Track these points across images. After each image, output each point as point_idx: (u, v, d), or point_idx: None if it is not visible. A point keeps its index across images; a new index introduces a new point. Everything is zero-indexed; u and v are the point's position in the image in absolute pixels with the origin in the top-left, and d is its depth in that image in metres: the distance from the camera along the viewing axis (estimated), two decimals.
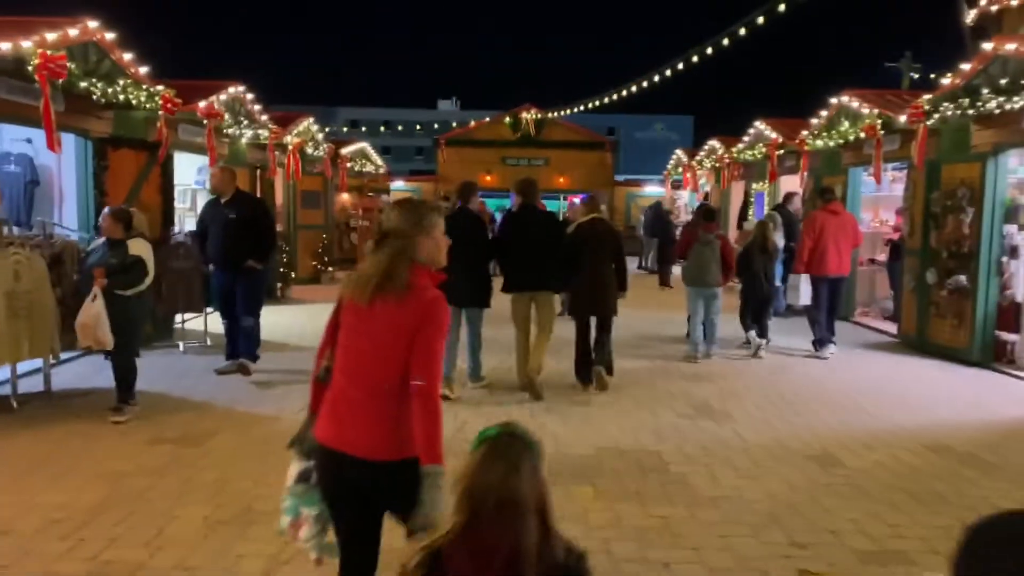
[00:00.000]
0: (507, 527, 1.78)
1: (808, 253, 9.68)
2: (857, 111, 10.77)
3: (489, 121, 27.77)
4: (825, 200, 10.10)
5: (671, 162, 23.09)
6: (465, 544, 1.82)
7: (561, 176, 27.44)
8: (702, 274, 9.02)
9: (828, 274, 9.72)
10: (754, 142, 15.40)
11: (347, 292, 2.76)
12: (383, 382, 2.61)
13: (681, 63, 16.79)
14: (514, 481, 1.80)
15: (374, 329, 2.64)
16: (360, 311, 2.67)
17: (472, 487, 1.82)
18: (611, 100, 20.71)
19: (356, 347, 2.68)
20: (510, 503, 1.78)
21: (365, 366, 2.65)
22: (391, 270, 2.63)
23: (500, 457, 1.83)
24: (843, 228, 9.86)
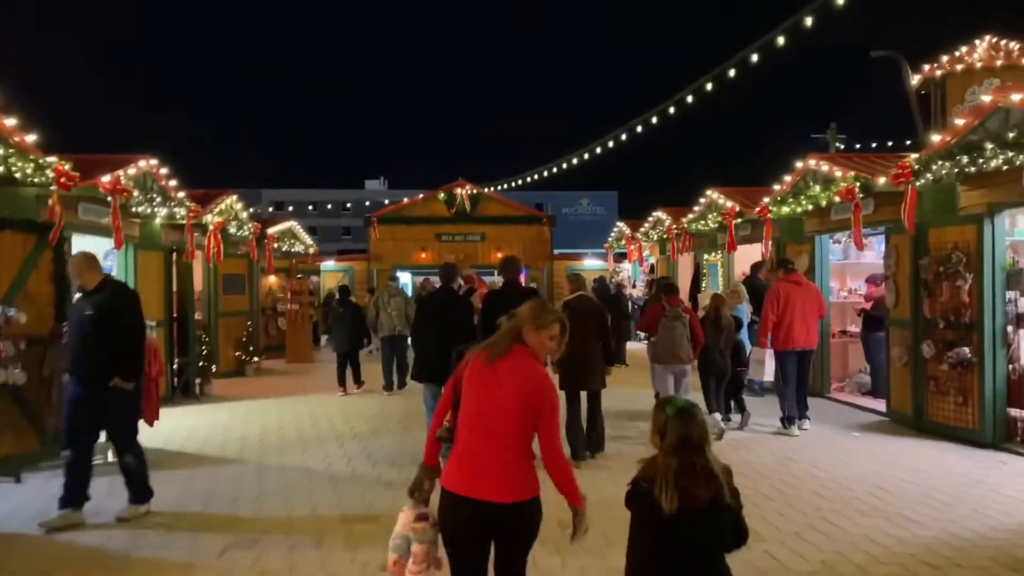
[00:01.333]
0: (706, 456, 2.90)
1: (772, 327, 9.10)
2: (828, 174, 10.15)
3: (422, 198, 26.84)
4: (786, 271, 9.46)
5: (612, 234, 22.48)
6: (679, 467, 2.85)
7: (498, 251, 26.49)
8: (675, 350, 8.46)
9: (795, 347, 9.11)
10: (706, 211, 14.77)
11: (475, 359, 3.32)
12: (508, 438, 3.17)
13: (610, 141, 16.49)
14: (705, 427, 2.98)
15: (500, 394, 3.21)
16: (487, 377, 3.24)
17: (683, 435, 2.90)
18: (548, 175, 20.21)
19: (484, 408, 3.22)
20: (706, 439, 2.95)
21: (490, 426, 3.20)
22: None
23: (693, 416, 2.96)
24: (808, 299, 9.28)
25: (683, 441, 2.88)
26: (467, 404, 3.24)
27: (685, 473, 2.83)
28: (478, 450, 3.17)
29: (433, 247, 26.60)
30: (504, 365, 3.22)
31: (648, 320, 8.88)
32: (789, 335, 9.14)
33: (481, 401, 3.21)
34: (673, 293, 8.97)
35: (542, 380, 3.23)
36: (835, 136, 32.14)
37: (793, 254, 12.10)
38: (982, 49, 13.76)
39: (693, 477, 2.83)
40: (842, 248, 12.07)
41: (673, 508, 2.78)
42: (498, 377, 3.20)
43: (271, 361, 16.71)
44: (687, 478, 2.82)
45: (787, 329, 9.14)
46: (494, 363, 3.22)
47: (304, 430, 9.50)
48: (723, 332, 9.15)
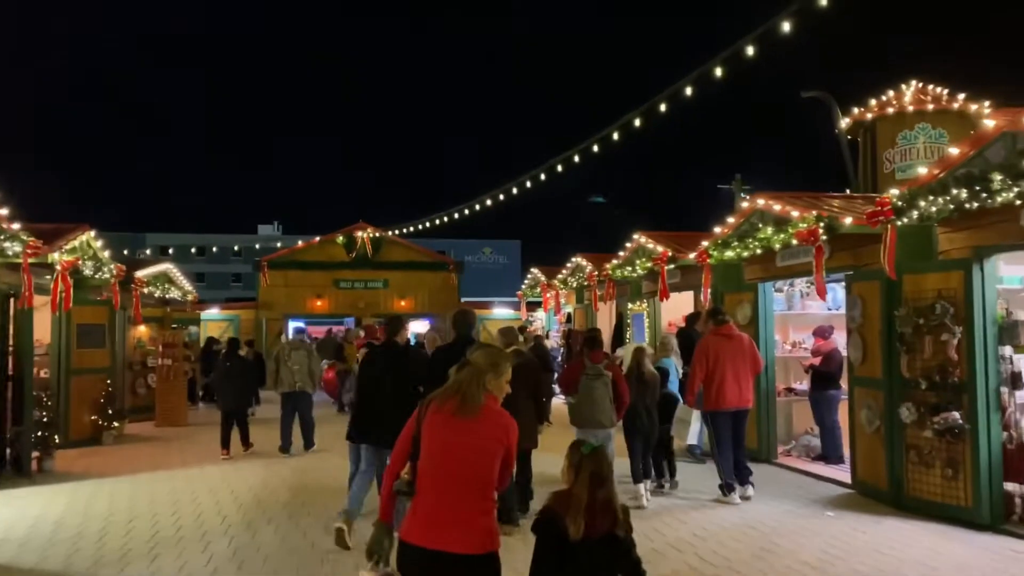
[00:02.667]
0: (607, 487, 3.27)
1: (700, 385, 8.26)
2: (782, 215, 9.08)
3: (319, 241, 24.91)
4: (717, 322, 8.42)
5: (526, 282, 21.19)
6: (588, 500, 3.21)
7: (402, 299, 24.88)
8: (595, 413, 7.58)
9: (728, 407, 8.20)
10: (632, 257, 13.62)
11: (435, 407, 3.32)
12: (476, 488, 3.19)
13: (514, 188, 15.43)
14: (611, 466, 3.58)
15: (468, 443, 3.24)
16: (455, 425, 3.24)
17: (595, 471, 3.27)
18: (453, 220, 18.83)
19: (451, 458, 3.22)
20: (611, 476, 3.35)
21: (461, 474, 3.19)
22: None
23: (603, 455, 3.41)
24: (740, 353, 8.30)
25: (594, 476, 3.26)
26: (434, 454, 3.21)
27: (591, 505, 3.20)
28: (449, 500, 3.15)
29: (330, 294, 24.70)
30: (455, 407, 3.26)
31: (568, 378, 7.87)
32: (720, 394, 8.16)
33: (453, 450, 3.19)
34: (596, 347, 7.93)
35: (513, 423, 3.34)
36: (740, 186, 32.20)
37: (733, 304, 11.00)
38: (910, 94, 13.27)
39: (596, 509, 3.21)
40: (784, 297, 11.05)
41: (579, 535, 3.14)
42: (470, 425, 3.21)
43: (138, 425, 14.39)
44: (592, 509, 3.20)
45: (718, 387, 8.16)
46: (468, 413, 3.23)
47: (161, 522, 7.53)
48: (648, 387, 8.17)
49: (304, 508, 7.90)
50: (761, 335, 10.49)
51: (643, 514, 7.57)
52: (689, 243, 12.55)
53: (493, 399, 3.34)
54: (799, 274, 9.96)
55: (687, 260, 11.65)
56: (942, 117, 13.15)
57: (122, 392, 14.38)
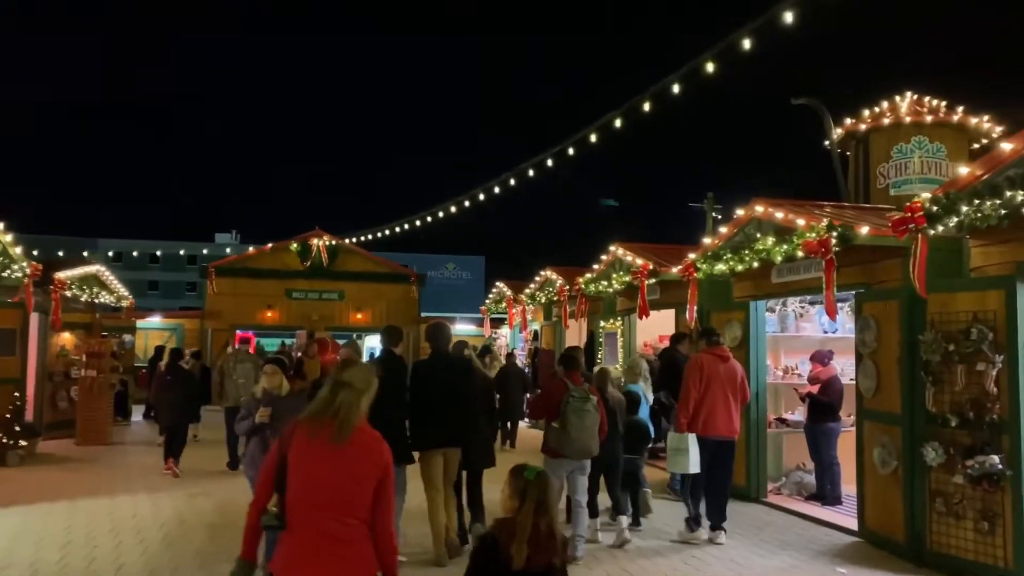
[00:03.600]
0: (550, 516, 3.20)
1: (695, 406, 7.34)
2: (784, 224, 8.03)
3: (272, 247, 23.44)
4: (711, 343, 7.65)
5: (490, 297, 20.00)
6: (527, 531, 3.11)
7: (359, 312, 23.51)
8: (588, 441, 6.64)
9: (715, 435, 7.35)
10: (608, 271, 12.53)
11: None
12: (353, 516, 3.01)
13: (470, 200, 14.48)
14: (554, 492, 3.57)
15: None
16: (326, 450, 3.04)
17: (540, 498, 3.19)
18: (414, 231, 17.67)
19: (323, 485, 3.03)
20: (554, 507, 3.32)
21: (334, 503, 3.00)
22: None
23: (548, 481, 3.31)
24: (732, 379, 7.52)
25: (540, 504, 3.19)
26: (305, 482, 3.01)
27: (535, 534, 3.14)
28: (326, 531, 2.97)
29: (282, 305, 23.24)
30: (327, 432, 3.08)
31: (548, 403, 6.78)
32: (710, 419, 7.34)
33: (325, 477, 3.00)
34: (575, 367, 6.94)
35: (386, 446, 3.17)
36: (712, 205, 31.50)
37: (720, 324, 9.94)
38: (906, 105, 12.43)
39: (540, 537, 3.14)
40: (777, 318, 10.02)
41: (522, 564, 3.06)
42: (342, 450, 3.04)
43: (56, 443, 12.89)
44: (535, 538, 3.13)
45: (708, 412, 7.34)
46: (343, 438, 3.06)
47: (41, 571, 6.16)
48: (611, 413, 7.27)
49: (221, 553, 6.58)
50: (751, 359, 9.44)
51: (616, 555, 6.53)
52: (670, 256, 11.52)
53: (366, 420, 3.18)
54: (797, 292, 8.94)
55: (670, 274, 10.58)
56: (940, 131, 12.30)
57: (40, 406, 12.89)
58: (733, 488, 9.46)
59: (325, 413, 3.08)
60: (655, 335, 13.61)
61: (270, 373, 5.67)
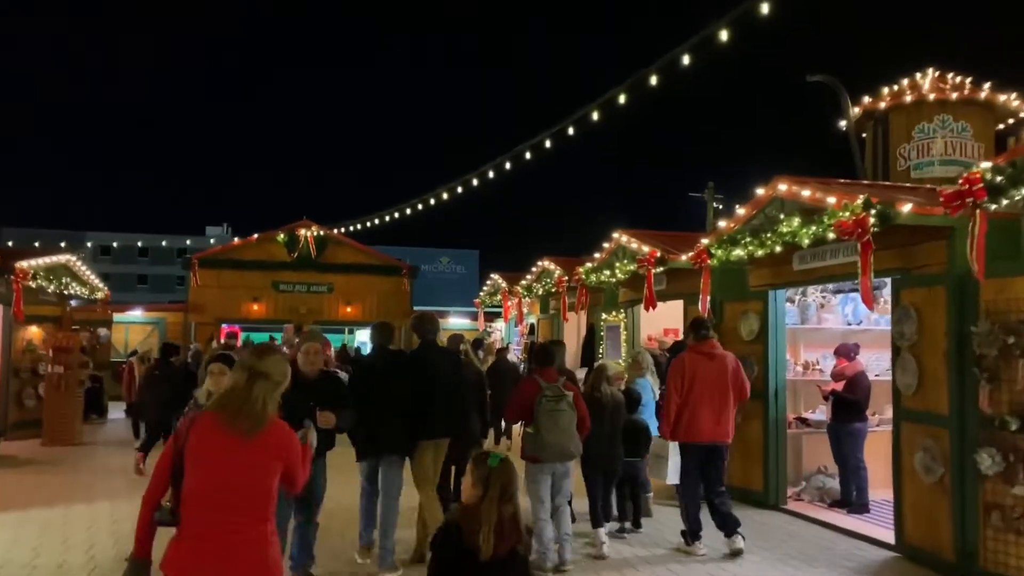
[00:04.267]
0: (514, 503, 3.15)
1: (677, 411, 6.79)
2: (811, 203, 7.22)
3: (258, 238, 22.55)
4: (699, 337, 6.98)
5: (485, 288, 19.18)
6: (492, 519, 3.05)
7: (349, 305, 22.65)
8: (565, 443, 6.12)
9: (699, 440, 6.77)
10: (611, 259, 11.71)
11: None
12: (253, 515, 2.87)
13: (460, 187, 13.70)
14: (517, 479, 3.25)
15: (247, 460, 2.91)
16: (227, 440, 2.89)
17: (505, 485, 3.14)
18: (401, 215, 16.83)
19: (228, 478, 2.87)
20: (517, 490, 3.19)
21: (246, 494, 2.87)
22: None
23: (512, 468, 3.23)
24: (721, 376, 6.85)
25: (503, 491, 3.12)
26: (202, 475, 2.85)
27: (500, 522, 3.07)
28: (225, 527, 2.82)
29: (269, 298, 22.36)
30: (236, 425, 2.92)
31: (521, 404, 6.24)
32: (693, 423, 6.76)
33: (224, 469, 2.85)
34: (549, 363, 6.42)
35: (293, 436, 3.07)
36: (713, 195, 30.74)
37: (734, 316, 9.16)
38: (928, 83, 11.63)
39: (505, 525, 3.07)
40: (797, 309, 9.22)
41: (489, 554, 2.99)
42: (247, 441, 2.88)
43: (21, 444, 12.05)
44: (500, 526, 3.06)
45: (691, 415, 6.76)
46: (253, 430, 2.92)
47: None
48: (606, 412, 6.81)
49: None
50: (770, 353, 8.65)
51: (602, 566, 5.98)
52: (677, 244, 10.70)
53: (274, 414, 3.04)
54: (822, 280, 8.13)
55: (679, 262, 9.76)
56: (965, 109, 11.54)
57: (4, 404, 12.06)
58: (749, 494, 8.75)
59: (234, 403, 2.92)
60: (660, 328, 12.80)
61: (216, 373, 4.85)
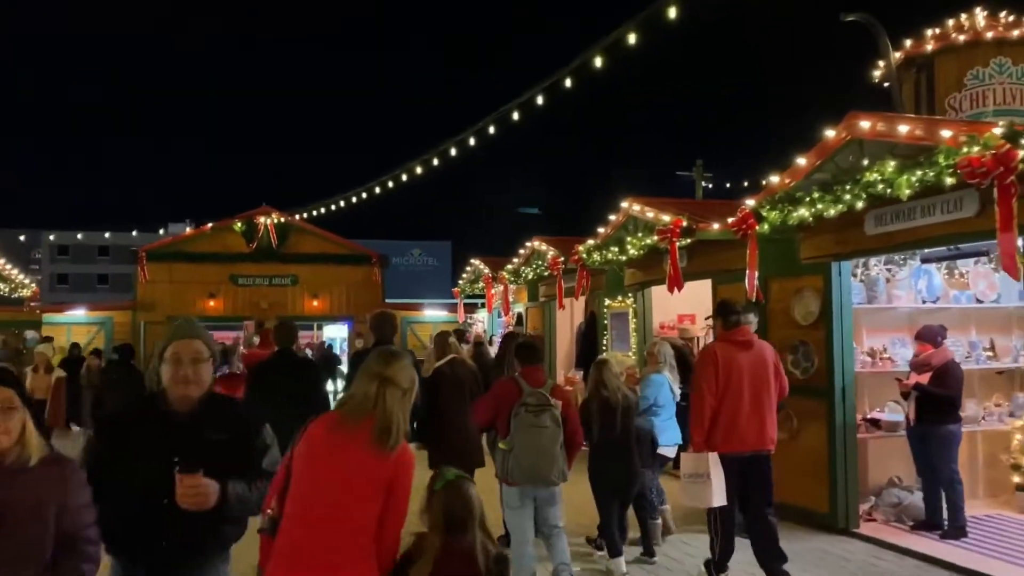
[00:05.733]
0: (470, 532, 2.80)
1: (712, 415, 5.46)
2: (910, 141, 5.47)
3: (213, 228, 20.53)
4: (728, 324, 5.65)
5: (465, 276, 17.35)
6: (443, 547, 2.74)
7: (315, 299, 20.72)
8: (541, 465, 5.11)
9: (740, 450, 5.48)
10: (619, 233, 9.94)
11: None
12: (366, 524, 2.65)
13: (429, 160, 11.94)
14: (473, 504, 2.84)
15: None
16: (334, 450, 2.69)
17: (447, 511, 2.80)
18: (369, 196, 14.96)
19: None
20: (472, 517, 2.82)
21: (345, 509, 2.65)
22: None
23: (460, 490, 2.87)
24: (761, 369, 5.58)
25: (447, 518, 2.81)
26: (304, 485, 2.67)
27: (447, 554, 2.75)
28: (318, 542, 2.59)
29: (226, 293, 20.36)
30: (360, 435, 2.69)
31: (493, 408, 5.32)
32: (733, 430, 5.47)
33: (327, 481, 2.65)
34: (535, 362, 5.38)
35: (407, 452, 2.76)
36: (701, 174, 29.15)
37: (784, 295, 7.46)
38: (981, 22, 9.99)
39: (453, 559, 2.74)
40: (863, 285, 7.51)
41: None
42: (350, 450, 2.67)
43: None
44: (447, 560, 2.74)
45: (730, 420, 5.47)
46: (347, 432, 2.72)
47: None
48: (617, 416, 5.83)
49: None
50: (835, 341, 6.98)
51: None
52: (698, 212, 8.96)
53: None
54: (908, 245, 6.42)
55: (710, 232, 8.02)
56: (1023, 49, 9.93)
57: None
58: (811, 516, 7.06)
59: (361, 412, 2.72)
60: (673, 315, 11.10)
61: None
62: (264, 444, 3.03)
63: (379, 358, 2.84)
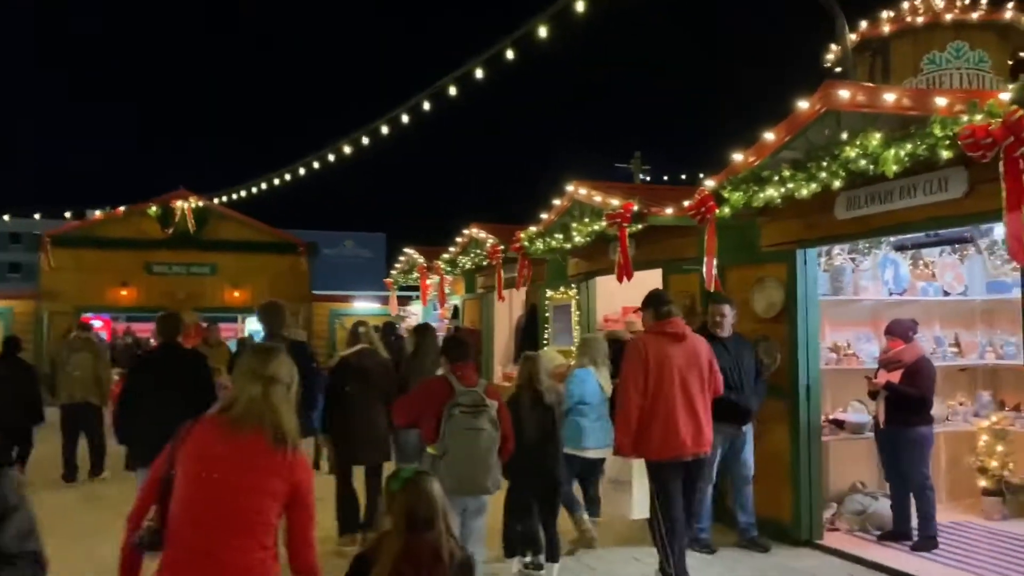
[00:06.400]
0: (433, 533, 2.68)
1: (638, 415, 4.94)
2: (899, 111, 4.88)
3: (125, 212, 19.14)
4: (658, 315, 5.14)
5: (397, 266, 16.43)
6: (405, 549, 2.63)
7: (236, 289, 19.53)
8: (477, 473, 4.58)
9: (677, 456, 4.99)
10: (566, 220, 9.23)
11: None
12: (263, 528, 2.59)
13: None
14: (436, 500, 2.72)
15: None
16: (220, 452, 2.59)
17: (409, 510, 2.67)
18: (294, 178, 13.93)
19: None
20: (437, 514, 2.70)
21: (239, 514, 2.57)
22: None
23: (421, 488, 2.73)
24: (693, 365, 5.10)
25: (410, 517, 2.71)
26: (192, 490, 2.54)
27: (410, 556, 2.65)
28: (214, 550, 2.49)
29: (140, 282, 19.11)
30: (254, 438, 2.60)
31: (419, 408, 4.79)
32: (667, 432, 4.95)
33: (217, 484, 2.54)
34: (465, 359, 4.86)
35: (300, 450, 2.69)
36: (640, 166, 28.79)
37: (743, 284, 6.87)
38: (939, 3, 9.60)
39: (417, 561, 2.65)
40: (829, 276, 6.95)
41: None
42: (240, 451, 2.58)
43: None
44: (410, 562, 2.64)
45: (664, 420, 4.95)
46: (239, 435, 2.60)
47: None
48: (548, 414, 5.44)
49: None
50: (800, 335, 6.40)
51: None
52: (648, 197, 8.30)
53: None
54: (886, 230, 5.85)
55: (663, 217, 7.36)
56: (983, 34, 9.57)
57: None
58: (775, 527, 6.46)
59: (247, 413, 2.62)
60: (618, 307, 10.44)
61: None
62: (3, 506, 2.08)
63: (256, 356, 2.75)
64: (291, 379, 2.72)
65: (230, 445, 2.58)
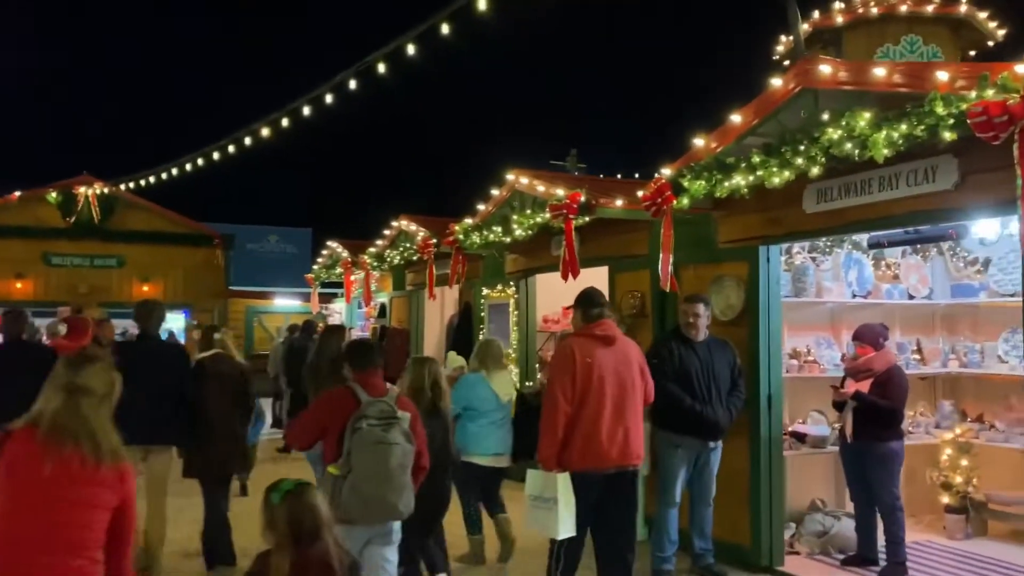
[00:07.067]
0: (322, 544, 2.61)
1: (565, 424, 4.40)
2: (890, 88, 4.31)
3: (20, 198, 17.60)
4: (588, 317, 4.66)
5: (321, 260, 15.44)
6: (294, 565, 2.53)
7: (146, 283, 18.18)
8: (395, 496, 3.90)
9: (600, 467, 4.46)
10: (505, 211, 8.51)
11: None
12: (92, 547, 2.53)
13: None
14: (320, 510, 2.67)
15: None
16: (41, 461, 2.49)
17: (294, 523, 2.59)
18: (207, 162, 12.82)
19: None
20: (323, 524, 2.64)
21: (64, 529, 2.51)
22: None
23: (303, 498, 2.65)
24: (625, 370, 4.59)
25: (295, 531, 2.61)
26: (10, 507, 2.44)
27: (302, 567, 2.58)
28: (35, 569, 2.40)
29: (38, 273, 17.65)
30: (67, 453, 2.51)
31: (314, 427, 4.15)
32: (590, 442, 4.43)
33: (39, 502, 2.44)
34: (372, 366, 4.16)
35: (125, 463, 2.62)
36: (575, 164, 28.27)
37: (699, 284, 6.26)
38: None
39: (309, 570, 2.58)
40: (790, 276, 6.41)
41: None
42: (62, 466, 2.47)
43: None
44: (303, 572, 2.57)
45: (587, 430, 4.42)
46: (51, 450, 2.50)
47: None
48: (448, 423, 5.08)
49: None
50: (761, 340, 5.83)
51: None
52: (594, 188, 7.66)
53: None
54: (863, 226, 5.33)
55: (613, 209, 6.73)
56: (937, 28, 9.27)
57: None
58: (732, 551, 5.89)
59: (65, 429, 2.52)
60: (558, 307, 9.79)
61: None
62: None
63: (67, 365, 2.63)
64: (107, 389, 2.61)
65: (50, 461, 2.45)
